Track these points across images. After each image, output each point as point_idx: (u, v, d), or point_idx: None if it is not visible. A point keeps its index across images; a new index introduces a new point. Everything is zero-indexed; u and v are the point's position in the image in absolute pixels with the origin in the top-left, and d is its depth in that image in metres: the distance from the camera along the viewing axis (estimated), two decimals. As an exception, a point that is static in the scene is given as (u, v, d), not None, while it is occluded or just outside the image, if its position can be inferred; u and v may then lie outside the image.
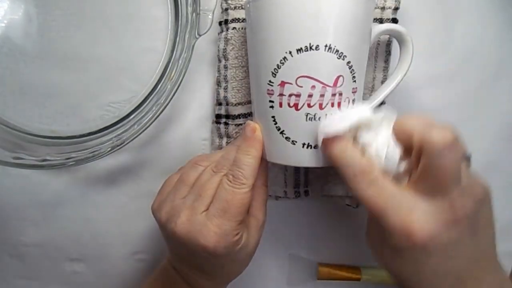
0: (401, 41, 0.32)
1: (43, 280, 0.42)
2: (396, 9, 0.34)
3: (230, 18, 0.35)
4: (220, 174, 0.31)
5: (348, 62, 0.28)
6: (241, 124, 0.37)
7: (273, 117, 0.29)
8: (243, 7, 0.35)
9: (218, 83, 0.36)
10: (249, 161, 0.30)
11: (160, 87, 0.36)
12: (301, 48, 0.27)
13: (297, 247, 0.42)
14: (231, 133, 0.37)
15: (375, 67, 0.36)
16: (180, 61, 0.34)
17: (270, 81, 0.28)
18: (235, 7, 0.35)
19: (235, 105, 0.36)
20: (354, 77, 0.28)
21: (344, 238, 0.42)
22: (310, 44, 0.27)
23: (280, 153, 0.30)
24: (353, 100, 0.29)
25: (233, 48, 0.35)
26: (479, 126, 0.39)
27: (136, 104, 0.37)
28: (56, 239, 0.41)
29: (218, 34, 0.36)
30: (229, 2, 0.35)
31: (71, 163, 0.33)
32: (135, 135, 0.33)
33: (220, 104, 0.37)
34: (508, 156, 0.40)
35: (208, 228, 0.29)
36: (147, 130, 0.34)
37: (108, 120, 0.37)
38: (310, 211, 0.41)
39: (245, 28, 0.35)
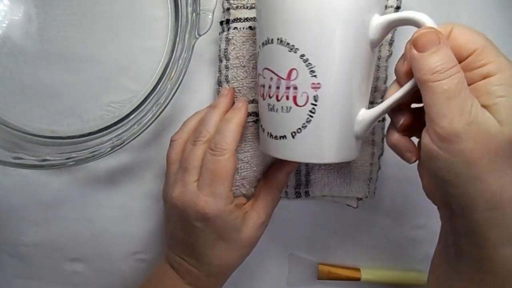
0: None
1: (43, 280, 0.42)
2: (397, 8, 0.34)
3: (231, 18, 0.35)
4: (200, 143, 0.32)
5: (302, 55, 0.27)
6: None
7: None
8: (245, 6, 0.35)
9: (219, 83, 0.36)
10: (231, 127, 0.31)
11: (160, 87, 0.36)
12: (264, 42, 0.29)
13: (297, 247, 0.42)
14: (231, 133, 0.37)
15: (378, 67, 0.36)
16: (180, 61, 0.34)
17: (258, 72, 0.31)
18: (237, 7, 0.35)
19: (235, 105, 0.36)
20: (313, 71, 0.27)
21: (344, 238, 0.42)
22: (267, 38, 0.28)
23: (261, 142, 0.32)
24: (315, 97, 0.27)
25: (234, 48, 0.35)
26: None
27: (136, 104, 0.37)
28: (56, 239, 0.41)
29: (219, 34, 0.36)
30: (231, 1, 0.35)
31: (71, 163, 0.33)
32: (135, 135, 0.33)
33: (220, 104, 0.37)
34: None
35: (199, 197, 0.31)
36: (147, 130, 0.34)
37: (108, 120, 0.37)
38: (311, 212, 0.41)
39: (246, 28, 0.35)
